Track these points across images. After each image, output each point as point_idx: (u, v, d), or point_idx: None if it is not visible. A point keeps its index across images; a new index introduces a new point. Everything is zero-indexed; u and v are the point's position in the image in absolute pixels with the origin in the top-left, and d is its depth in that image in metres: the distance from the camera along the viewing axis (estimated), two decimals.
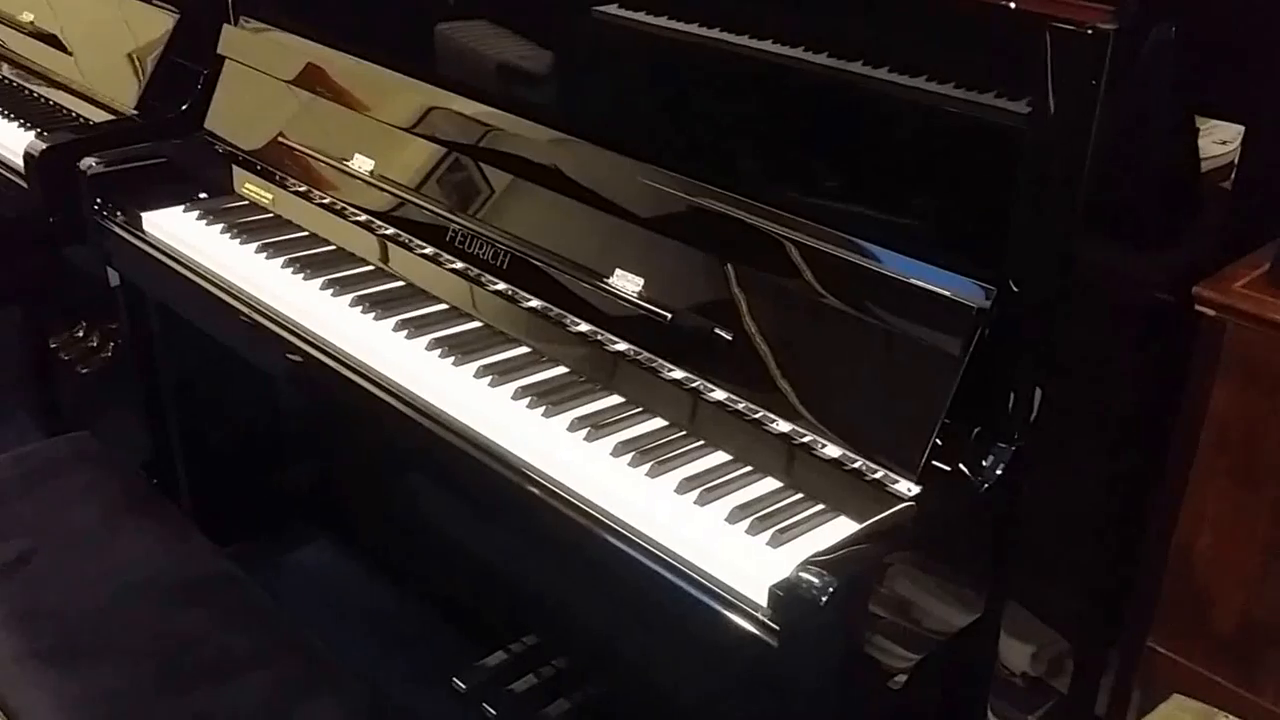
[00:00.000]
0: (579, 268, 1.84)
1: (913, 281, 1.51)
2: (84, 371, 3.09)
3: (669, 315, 1.70)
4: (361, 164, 2.21)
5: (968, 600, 1.53)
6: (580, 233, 1.88)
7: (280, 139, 2.39)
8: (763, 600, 1.37)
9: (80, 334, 3.16)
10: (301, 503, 2.99)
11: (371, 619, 2.68)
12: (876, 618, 1.38)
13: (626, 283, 1.77)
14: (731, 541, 1.47)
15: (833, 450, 1.55)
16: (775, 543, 1.46)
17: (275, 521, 2.96)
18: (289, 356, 1.99)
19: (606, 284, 1.79)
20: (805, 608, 1.30)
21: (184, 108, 2.61)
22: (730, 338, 1.65)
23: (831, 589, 1.28)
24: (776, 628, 1.35)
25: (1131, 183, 1.48)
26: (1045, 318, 1.46)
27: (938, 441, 1.45)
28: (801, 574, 1.31)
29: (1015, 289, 1.44)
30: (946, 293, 1.48)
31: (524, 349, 1.88)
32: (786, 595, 1.32)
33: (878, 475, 1.51)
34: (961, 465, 1.46)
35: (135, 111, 2.65)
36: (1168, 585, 1.71)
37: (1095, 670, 1.86)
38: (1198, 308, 1.56)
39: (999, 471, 1.45)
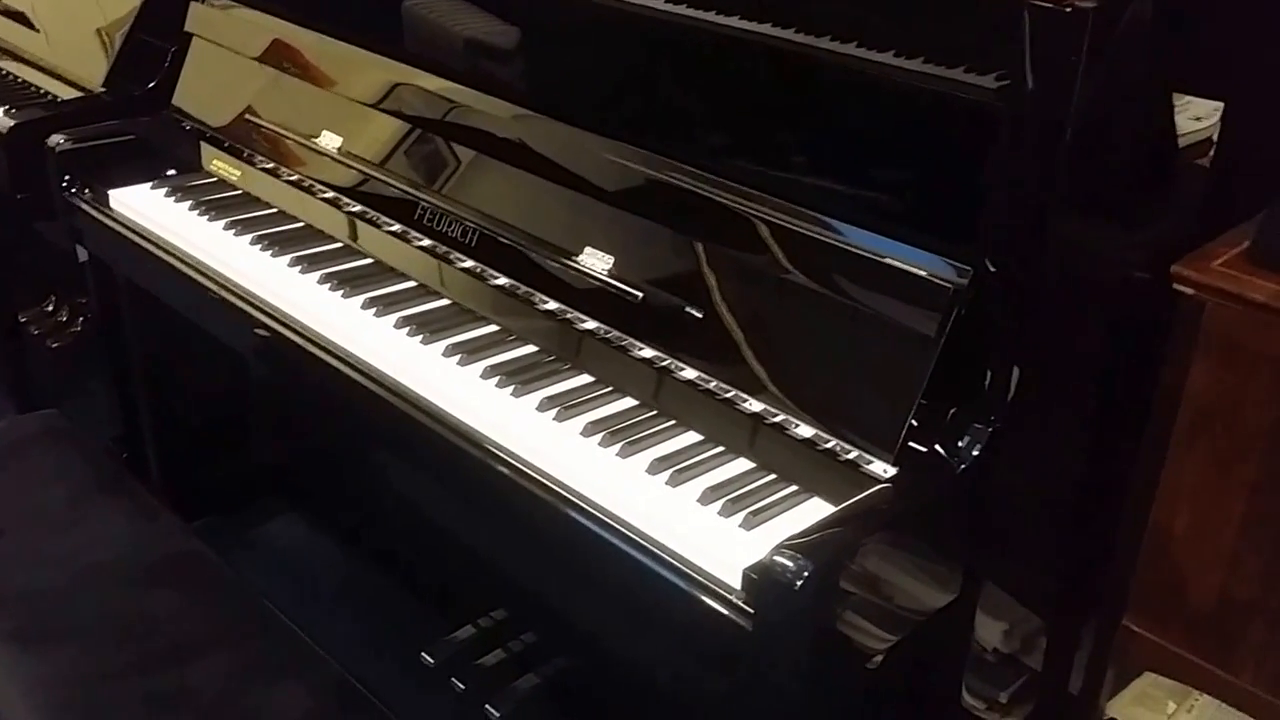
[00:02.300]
0: (547, 245, 1.82)
1: (887, 260, 1.49)
2: (54, 346, 3.06)
3: (639, 294, 1.68)
4: (329, 141, 2.18)
5: (944, 580, 1.51)
6: (549, 210, 1.86)
7: (248, 116, 2.35)
8: (736, 583, 1.36)
9: (50, 309, 3.13)
10: (271, 477, 2.97)
11: (340, 594, 2.67)
12: (852, 600, 1.36)
13: (596, 261, 1.75)
14: (704, 523, 1.45)
15: (806, 430, 1.53)
16: (749, 525, 1.44)
17: (245, 496, 2.94)
18: (257, 333, 1.97)
19: (575, 262, 1.77)
20: (780, 592, 1.28)
21: (152, 85, 2.57)
22: (701, 316, 1.63)
23: (806, 573, 1.26)
24: (750, 611, 1.33)
25: (1109, 160, 1.46)
26: (1022, 297, 1.44)
27: (913, 422, 1.43)
28: (776, 558, 1.28)
29: (992, 268, 1.42)
30: (922, 272, 1.46)
31: (492, 327, 1.86)
32: (761, 579, 1.30)
33: (851, 456, 1.49)
34: (938, 446, 1.44)
35: (103, 89, 2.61)
36: (1143, 563, 1.70)
37: (1069, 648, 1.85)
38: (1176, 286, 1.54)
39: (975, 452, 1.43)
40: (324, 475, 2.86)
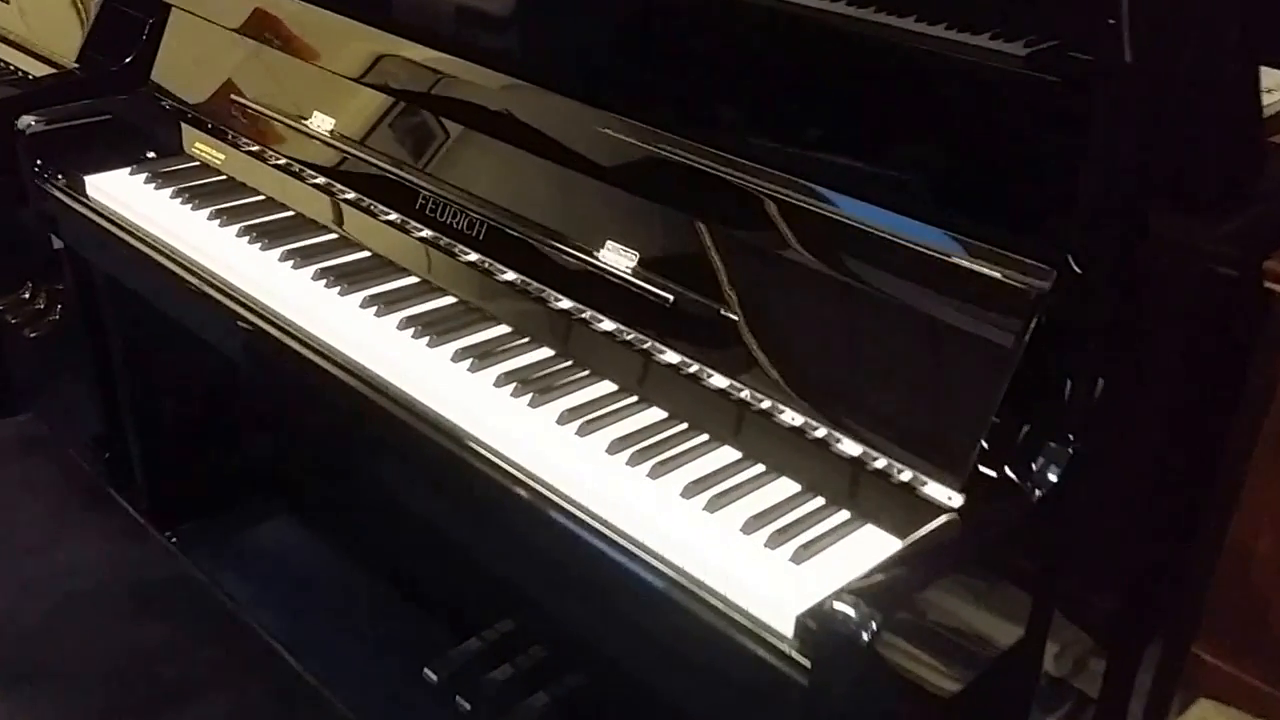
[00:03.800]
0: (564, 238, 1.66)
1: (959, 261, 1.32)
2: (31, 336, 2.88)
3: (670, 298, 1.51)
4: (321, 122, 2.01)
5: (1016, 614, 1.36)
6: (566, 199, 1.70)
7: (232, 94, 2.18)
8: (787, 629, 1.21)
9: (26, 296, 2.95)
10: (262, 478, 2.78)
11: (335, 602, 2.50)
12: (920, 646, 1.21)
13: (619, 257, 1.59)
14: (747, 556, 1.30)
15: (854, 448, 1.37)
16: (799, 559, 1.29)
17: (234, 497, 2.76)
18: (246, 334, 1.81)
19: (595, 257, 1.61)
20: (842, 645, 1.12)
21: (128, 60, 2.39)
22: (738, 319, 1.47)
23: (874, 624, 1.11)
24: (807, 665, 1.18)
25: (1201, 145, 1.30)
26: (1110, 301, 1.28)
27: (984, 445, 1.27)
28: (837, 605, 1.13)
29: (1076, 268, 1.26)
30: (997, 273, 1.29)
31: (503, 328, 1.70)
32: (820, 629, 1.14)
33: (905, 478, 1.33)
34: (1009, 470, 1.28)
35: (76, 64, 2.43)
36: (1220, 588, 1.56)
37: (1129, 674, 1.71)
38: (1268, 284, 1.38)
39: (1052, 477, 1.28)
40: (318, 476, 2.69)
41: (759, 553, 1.30)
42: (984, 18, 1.35)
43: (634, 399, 1.55)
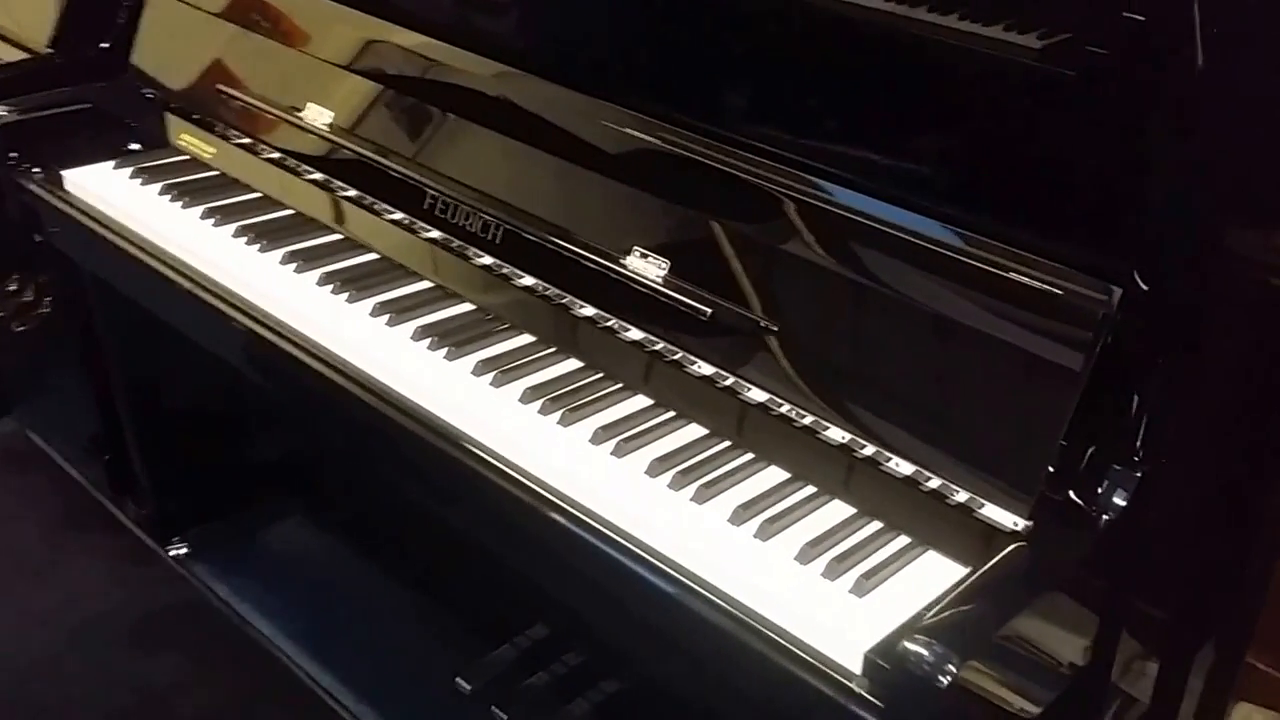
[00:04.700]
0: (588, 243, 1.59)
1: (1024, 278, 1.27)
2: (19, 330, 2.76)
3: (708, 310, 1.45)
4: (318, 114, 1.92)
5: (1085, 635, 1.32)
6: (590, 202, 1.63)
7: (221, 83, 2.08)
8: (853, 665, 1.15)
9: (13, 288, 2.82)
10: (273, 477, 2.64)
11: (357, 609, 2.36)
12: (998, 678, 1.17)
13: (647, 265, 1.52)
14: (805, 587, 1.25)
15: (905, 467, 1.32)
16: (860, 590, 1.23)
17: (245, 498, 2.60)
18: (247, 342, 1.73)
19: (623, 265, 1.54)
20: (918, 687, 1.07)
21: (106, 45, 2.28)
22: (784, 333, 1.41)
23: (951, 667, 1.06)
24: (880, 705, 1.12)
25: (1274, 153, 1.24)
26: (1177, 316, 1.23)
27: (1050, 469, 1.22)
28: (911, 645, 1.08)
29: (1143, 284, 1.21)
30: (1061, 290, 1.24)
31: (526, 338, 1.64)
32: (894, 670, 1.09)
33: (961, 499, 1.28)
34: (1076, 494, 1.23)
35: (50, 49, 2.31)
36: (1275, 596, 1.52)
37: (1181, 680, 1.67)
38: None
39: (1120, 500, 1.23)
40: (335, 476, 2.58)
41: (817, 582, 1.25)
42: (1038, 18, 1.29)
43: (670, 414, 1.49)
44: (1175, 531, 1.44)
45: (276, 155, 1.98)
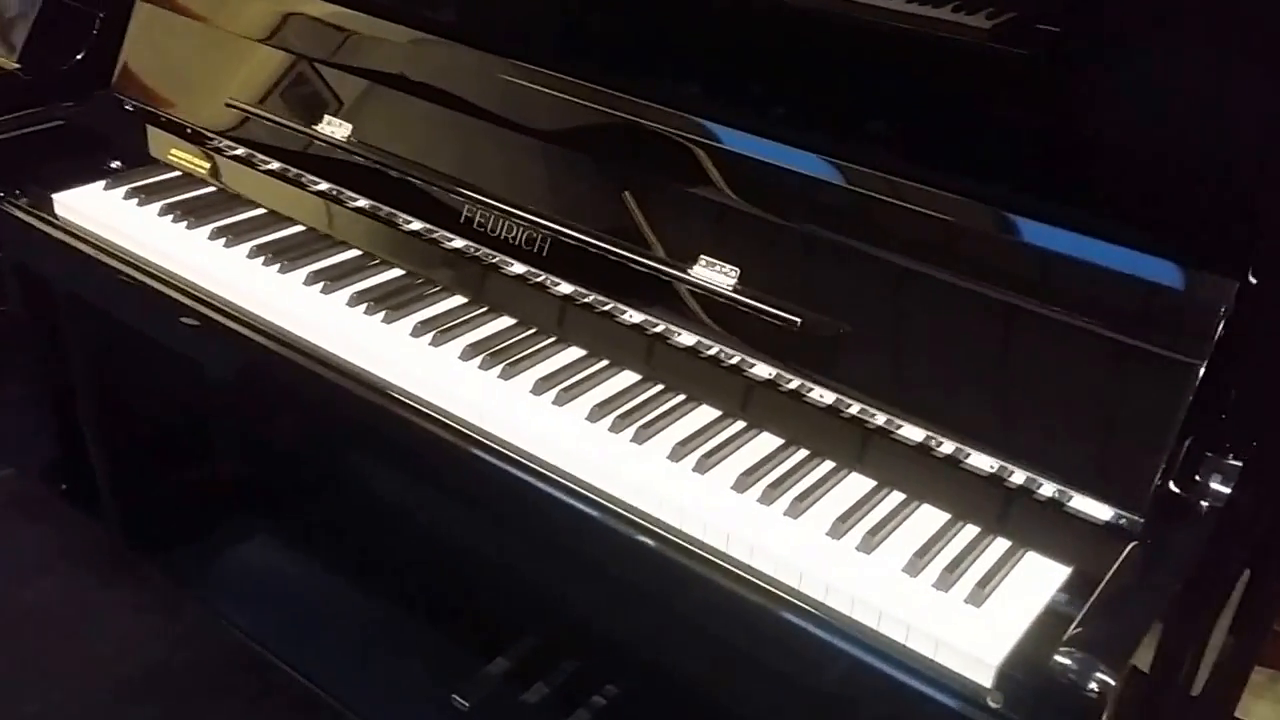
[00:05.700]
0: (652, 252, 1.55)
1: (1135, 275, 1.26)
2: None
3: (799, 321, 1.42)
4: (331, 125, 1.85)
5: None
6: (639, 212, 1.59)
7: (218, 94, 2.00)
8: (983, 679, 1.15)
9: None
10: (240, 494, 2.58)
11: (337, 627, 2.28)
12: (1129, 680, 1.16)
13: (720, 275, 1.49)
14: (916, 597, 1.23)
15: (983, 462, 1.31)
16: (976, 599, 1.22)
17: (213, 518, 2.53)
18: (280, 372, 1.67)
19: (694, 277, 1.51)
20: (1070, 703, 1.06)
21: (78, 59, 2.19)
22: (867, 336, 1.39)
23: (1110, 680, 1.05)
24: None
25: None
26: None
27: (1164, 466, 1.22)
28: (1059, 660, 1.07)
29: (1253, 279, 1.20)
30: (1180, 289, 1.24)
31: (577, 350, 1.60)
32: (1041, 686, 1.09)
33: (1048, 493, 1.28)
34: (1184, 490, 1.23)
35: (18, 65, 2.21)
36: None
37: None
38: None
39: (1225, 489, 1.23)
40: (302, 488, 2.51)
41: (929, 594, 1.24)
42: None
43: (742, 424, 1.47)
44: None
45: (275, 165, 1.91)
